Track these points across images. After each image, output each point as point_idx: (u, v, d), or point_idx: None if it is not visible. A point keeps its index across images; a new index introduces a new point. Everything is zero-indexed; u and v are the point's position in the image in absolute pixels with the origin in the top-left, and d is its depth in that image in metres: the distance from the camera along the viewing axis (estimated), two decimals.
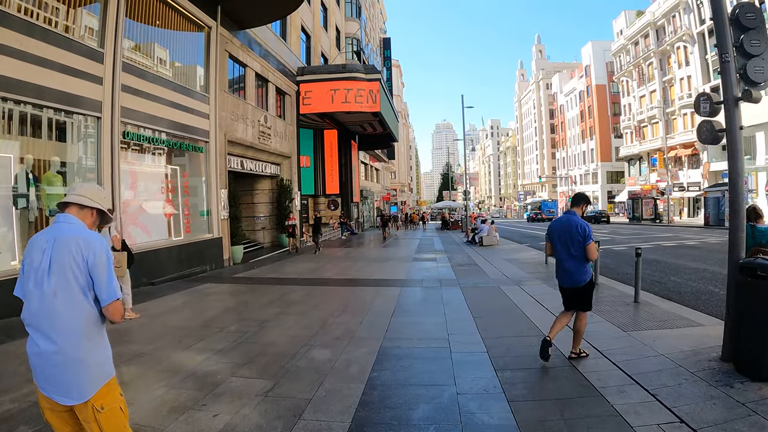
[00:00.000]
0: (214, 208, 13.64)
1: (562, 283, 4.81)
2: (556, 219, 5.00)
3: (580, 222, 4.54)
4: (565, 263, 4.65)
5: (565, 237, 4.58)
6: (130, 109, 10.33)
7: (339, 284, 9.97)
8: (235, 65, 16.02)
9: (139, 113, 10.67)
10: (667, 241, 18.13)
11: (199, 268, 12.51)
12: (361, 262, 14.09)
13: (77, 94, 8.83)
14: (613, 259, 13.25)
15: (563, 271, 4.71)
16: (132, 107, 10.40)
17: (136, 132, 10.69)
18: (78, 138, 9.41)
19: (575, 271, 4.59)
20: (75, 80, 8.74)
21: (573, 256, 4.55)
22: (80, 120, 9.35)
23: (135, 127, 10.61)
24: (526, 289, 8.74)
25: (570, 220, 4.60)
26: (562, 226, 4.67)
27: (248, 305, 8.05)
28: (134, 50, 10.96)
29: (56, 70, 8.27)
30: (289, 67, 20.25)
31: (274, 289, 9.54)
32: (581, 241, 4.46)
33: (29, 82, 7.73)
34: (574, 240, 4.50)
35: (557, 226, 4.74)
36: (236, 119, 15.37)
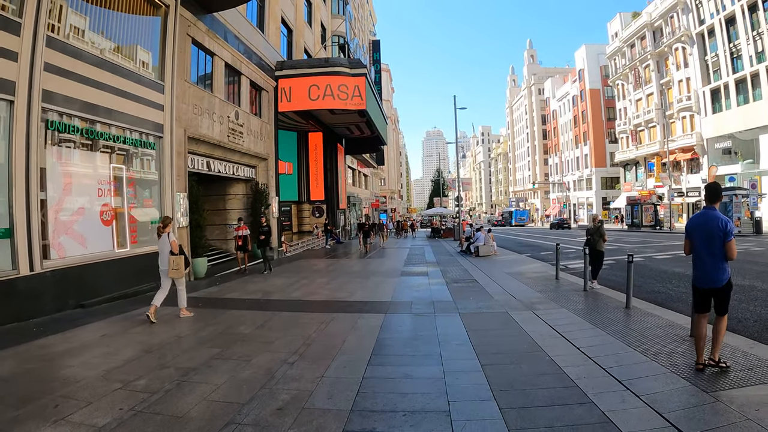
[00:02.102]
0: (168, 214, 11.65)
1: (698, 283, 4.50)
2: (695, 215, 4.61)
3: (721, 217, 4.30)
4: (703, 262, 4.37)
5: (705, 233, 4.33)
6: (56, 93, 8.44)
7: (308, 308, 8.03)
8: (200, 53, 14.11)
9: (70, 99, 8.75)
10: (681, 251, 16.42)
11: (147, 286, 10.47)
12: (341, 277, 12.16)
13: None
14: (636, 273, 11.45)
15: (701, 270, 4.41)
16: (59, 91, 8.50)
17: (64, 122, 8.73)
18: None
19: (713, 270, 4.30)
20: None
21: (713, 254, 4.28)
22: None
23: (63, 115, 8.67)
24: (542, 315, 6.88)
25: (710, 214, 4.36)
26: (701, 221, 4.41)
27: (180, 342, 6.10)
28: (69, 27, 9.04)
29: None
30: (267, 61, 18.40)
31: (224, 317, 7.59)
32: (722, 237, 4.22)
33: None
34: (714, 236, 4.26)
35: (697, 222, 4.48)
36: (200, 113, 13.45)
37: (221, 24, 14.68)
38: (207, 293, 10.18)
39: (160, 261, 7.55)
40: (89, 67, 9.19)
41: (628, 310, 7.17)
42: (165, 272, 7.48)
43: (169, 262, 7.32)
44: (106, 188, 9.89)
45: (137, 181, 10.99)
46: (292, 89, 19.10)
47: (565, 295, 8.61)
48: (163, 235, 7.45)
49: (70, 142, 9.05)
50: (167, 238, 7.37)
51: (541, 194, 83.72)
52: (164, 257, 7.46)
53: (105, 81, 9.59)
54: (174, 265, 7.31)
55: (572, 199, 66.24)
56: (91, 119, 9.33)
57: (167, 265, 7.38)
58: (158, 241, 7.64)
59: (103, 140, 9.76)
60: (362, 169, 45.48)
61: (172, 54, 11.96)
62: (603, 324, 6.31)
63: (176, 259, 7.28)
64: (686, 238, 4.66)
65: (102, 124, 9.66)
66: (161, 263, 7.54)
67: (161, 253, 7.53)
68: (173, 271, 7.33)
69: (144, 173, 11.29)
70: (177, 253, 7.36)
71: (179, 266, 7.30)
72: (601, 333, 5.86)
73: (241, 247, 14.05)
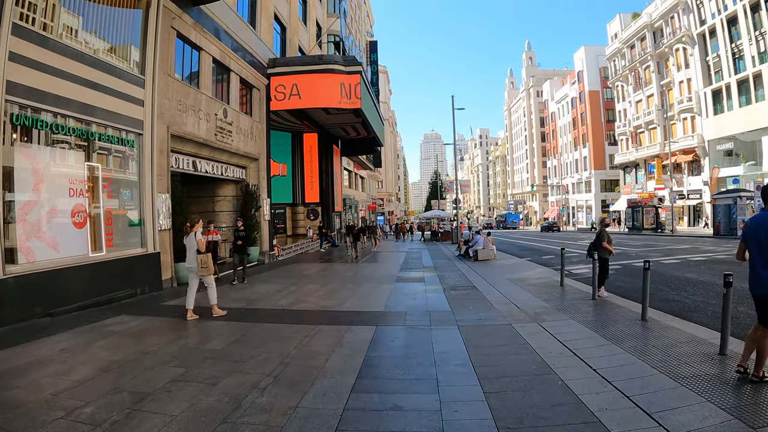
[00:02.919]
0: (149, 216, 10.96)
1: (752, 291, 4.12)
2: (753, 216, 4.26)
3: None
4: (757, 268, 4.02)
5: (760, 237, 3.97)
6: (22, 85, 7.75)
7: (292, 319, 7.32)
8: (186, 47, 13.44)
9: (38, 92, 8.06)
10: (690, 255, 15.78)
11: (123, 293, 9.80)
12: (333, 283, 11.46)
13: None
14: (640, 278, 10.79)
15: (755, 277, 4.05)
16: (26, 83, 7.82)
17: (32, 116, 8.04)
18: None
19: (766, 277, 3.92)
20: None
21: (764, 260, 3.93)
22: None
23: (30, 109, 7.98)
24: (550, 329, 6.20)
25: (765, 216, 4.00)
26: (758, 224, 4.06)
27: (144, 359, 5.40)
28: (40, 16, 8.36)
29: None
30: (259, 58, 17.74)
31: (199, 328, 6.90)
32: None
33: None
34: (763, 240, 3.94)
35: (752, 224, 4.16)
36: (185, 110, 12.77)
37: (209, 18, 14.02)
38: (185, 301, 9.45)
39: (188, 260, 7.66)
40: (61, 59, 8.50)
41: (645, 322, 6.49)
42: (192, 270, 7.59)
43: (198, 261, 7.45)
44: (81, 188, 9.18)
45: (114, 180, 10.29)
46: (284, 87, 18.42)
47: (572, 304, 7.93)
48: (191, 234, 7.56)
49: (39, 139, 8.36)
50: (194, 238, 7.48)
51: (539, 197, 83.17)
52: (192, 256, 7.56)
53: (78, 73, 8.90)
54: (203, 264, 7.43)
55: (571, 201, 65.69)
56: (63, 114, 8.64)
57: (195, 263, 7.49)
58: (185, 240, 7.73)
59: (76, 137, 9.07)
60: (359, 171, 44.82)
61: (154, 47, 11.29)
62: (619, 339, 5.64)
63: (204, 258, 7.42)
64: (742, 242, 4.32)
65: (75, 119, 8.97)
66: (188, 262, 7.66)
67: (189, 253, 7.64)
68: (203, 269, 7.46)
69: (122, 172, 10.59)
70: (204, 252, 7.50)
71: (208, 264, 7.44)
72: (619, 350, 5.19)
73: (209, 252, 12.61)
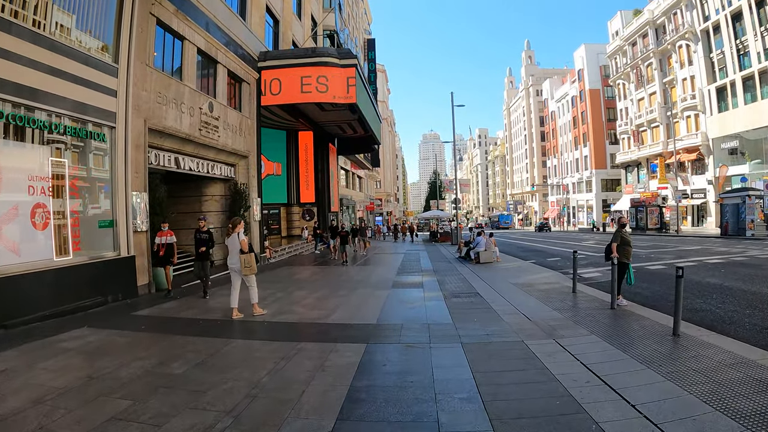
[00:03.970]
0: (122, 216, 10.05)
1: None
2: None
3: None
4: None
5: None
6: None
7: (271, 334, 6.39)
8: (167, 36, 12.54)
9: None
10: (705, 257, 14.89)
11: (91, 301, 8.89)
12: (323, 289, 10.54)
13: None
14: (659, 284, 9.93)
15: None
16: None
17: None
18: None
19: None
20: None
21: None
22: None
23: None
24: (569, 347, 5.31)
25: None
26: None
27: (87, 387, 4.52)
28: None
29: None
30: (249, 51, 16.84)
31: (164, 345, 6.00)
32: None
33: None
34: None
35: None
36: (165, 103, 11.87)
37: (193, 6, 13.15)
38: (160, 310, 8.57)
39: (230, 260, 7.75)
40: (19, 42, 7.61)
41: (677, 338, 5.61)
42: (235, 270, 7.69)
43: (241, 261, 7.50)
44: (42, 186, 8.27)
45: (83, 177, 9.37)
46: (276, 81, 17.53)
47: (590, 315, 7.04)
48: (233, 234, 7.67)
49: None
50: (237, 238, 7.61)
51: (539, 197, 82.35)
52: (234, 256, 7.65)
53: (40, 59, 8.01)
54: (246, 263, 7.50)
55: (572, 201, 64.87)
56: (22, 104, 7.76)
57: (238, 263, 7.57)
58: (227, 240, 7.82)
59: (38, 129, 8.17)
60: (356, 170, 43.90)
61: (129, 34, 10.39)
62: (654, 361, 4.75)
63: (247, 257, 7.52)
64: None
65: (38, 110, 8.08)
66: (231, 262, 7.75)
67: (231, 253, 7.74)
68: (246, 269, 7.51)
69: (91, 168, 9.68)
70: (247, 252, 7.59)
71: (251, 263, 7.54)
72: (657, 377, 4.30)
73: (161, 259, 10.28)
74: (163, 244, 10.27)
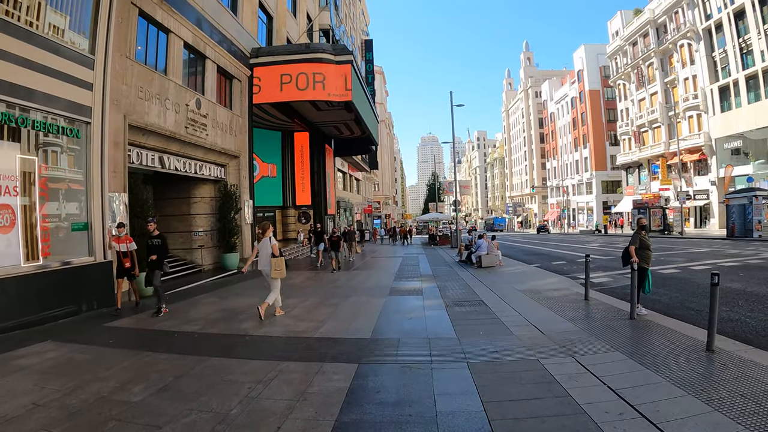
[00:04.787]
0: (98, 219, 9.33)
1: None
2: None
3: None
4: None
5: None
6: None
7: (250, 351, 5.61)
8: (151, 28, 11.86)
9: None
10: (717, 259, 14.20)
11: (61, 310, 8.17)
12: (315, 296, 9.80)
13: None
14: (677, 290, 9.22)
15: None
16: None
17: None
18: None
19: None
20: None
21: None
22: None
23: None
24: (592, 367, 4.60)
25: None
26: None
27: (21, 420, 3.79)
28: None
29: None
30: (240, 47, 16.16)
31: (128, 363, 5.28)
32: None
33: None
34: None
35: None
36: (148, 98, 11.17)
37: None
38: (136, 321, 7.84)
39: (261, 264, 7.90)
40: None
41: (712, 354, 4.91)
42: (266, 273, 7.84)
43: (271, 264, 7.64)
44: (8, 185, 7.56)
45: (54, 177, 8.66)
46: (269, 79, 16.82)
47: (607, 326, 6.32)
48: (264, 239, 7.87)
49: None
50: (269, 242, 7.80)
51: (538, 199, 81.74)
52: (265, 260, 7.80)
53: (7, 48, 7.33)
54: (276, 267, 7.65)
55: (572, 203, 64.27)
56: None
57: (268, 266, 7.71)
58: (258, 244, 7.98)
59: (2, 123, 7.47)
60: (354, 172, 43.21)
61: (107, 23, 9.68)
62: (693, 384, 4.05)
63: (278, 261, 7.68)
64: None
65: (1, 102, 7.39)
66: (262, 266, 7.89)
67: (262, 256, 7.89)
68: (276, 272, 7.65)
69: (64, 167, 8.97)
70: (278, 256, 7.76)
71: (281, 267, 7.70)
72: (703, 406, 3.60)
73: (125, 271, 8.86)
74: (125, 253, 8.77)
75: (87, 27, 9.49)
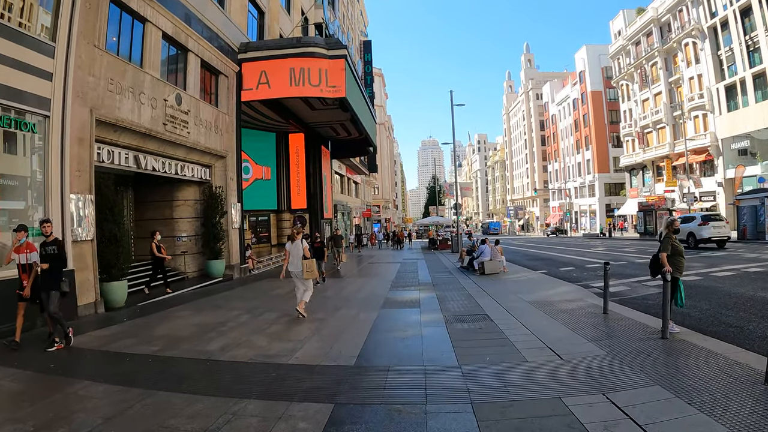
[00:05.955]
0: (56, 223, 8.35)
1: None
2: None
3: None
4: None
5: None
6: None
7: (205, 385, 4.57)
8: (125, 16, 10.94)
9: None
10: (738, 264, 13.17)
11: (7, 326, 7.17)
12: None
13: None
14: (705, 300, 8.22)
15: None
16: None
17: None
18: None
19: None
20: None
21: None
22: None
23: None
24: (629, 409, 3.60)
25: None
26: None
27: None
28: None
29: None
30: (228, 41, 15.26)
31: (58, 396, 4.31)
32: None
33: None
34: None
35: None
36: (120, 91, 10.23)
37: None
38: (89, 339, 6.84)
39: (293, 265, 8.13)
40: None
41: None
42: (297, 275, 8.10)
43: (303, 266, 7.90)
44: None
45: (3, 175, 7.71)
46: (258, 75, 15.90)
47: (637, 348, 5.32)
48: (297, 241, 8.18)
49: None
50: (300, 244, 8.10)
51: (540, 202, 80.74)
52: (297, 261, 8.03)
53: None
54: (308, 268, 7.91)
55: (574, 206, 63.28)
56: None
57: (299, 268, 7.97)
58: (290, 246, 8.29)
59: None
60: (352, 175, 42.26)
61: (71, 8, 8.77)
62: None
63: (309, 263, 7.94)
64: None
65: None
66: (293, 267, 8.13)
67: (294, 258, 8.12)
68: (308, 273, 7.92)
69: (17, 165, 8.03)
70: (310, 258, 8.03)
71: (312, 269, 7.96)
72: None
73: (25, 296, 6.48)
74: (24, 265, 6.42)
75: (49, 10, 8.59)
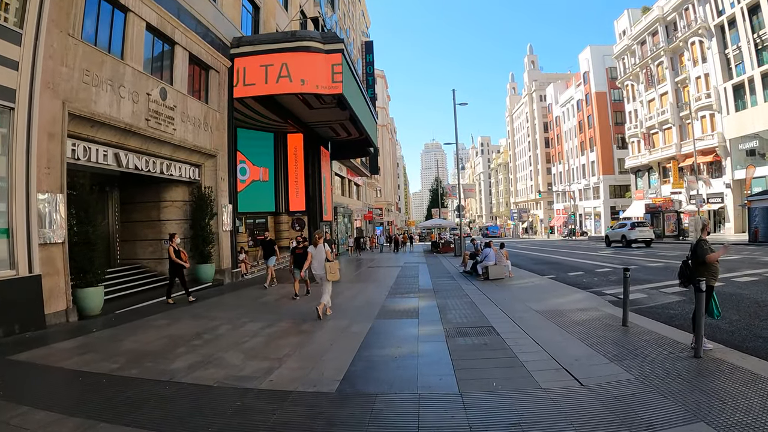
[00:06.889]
0: (21, 224, 7.65)
1: None
2: None
3: None
4: None
5: None
6: None
7: (156, 414, 3.77)
8: (103, 4, 10.27)
9: None
10: (758, 269, 12.33)
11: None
12: (284, 320, 7.96)
13: None
14: (734, 310, 7.42)
15: None
16: None
17: None
18: None
19: None
20: None
21: None
22: None
23: None
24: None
25: None
26: None
27: None
28: None
29: None
30: (219, 35, 14.58)
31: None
32: None
33: None
34: None
35: None
36: (97, 83, 9.53)
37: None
38: (47, 353, 6.09)
39: (315, 267, 8.47)
40: None
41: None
42: (320, 277, 8.38)
43: (326, 268, 8.13)
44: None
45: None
46: (250, 70, 15.21)
47: (669, 370, 4.55)
48: (319, 245, 8.46)
49: None
50: (323, 248, 8.39)
51: (544, 204, 79.81)
52: (320, 264, 8.35)
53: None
54: (330, 271, 8.09)
55: (578, 209, 62.37)
56: None
57: (322, 270, 8.25)
58: (313, 249, 8.56)
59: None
60: (353, 177, 41.53)
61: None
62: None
63: (332, 265, 8.13)
64: None
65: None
66: (316, 269, 8.48)
67: (316, 261, 8.44)
68: (331, 275, 8.10)
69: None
70: (332, 260, 8.28)
71: (335, 271, 8.13)
72: None
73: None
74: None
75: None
